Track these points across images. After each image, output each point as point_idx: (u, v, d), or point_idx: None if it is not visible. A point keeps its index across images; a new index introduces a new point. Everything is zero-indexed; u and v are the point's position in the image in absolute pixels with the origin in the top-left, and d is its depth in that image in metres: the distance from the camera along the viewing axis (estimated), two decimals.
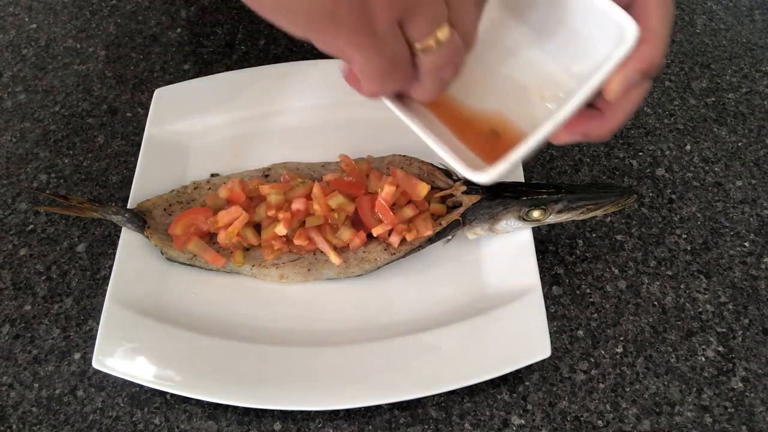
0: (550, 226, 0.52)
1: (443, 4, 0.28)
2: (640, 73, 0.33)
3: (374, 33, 0.27)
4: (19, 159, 0.56)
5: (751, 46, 0.64)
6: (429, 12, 0.28)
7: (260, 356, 0.44)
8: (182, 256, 0.48)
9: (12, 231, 0.53)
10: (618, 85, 0.33)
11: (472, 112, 0.39)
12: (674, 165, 0.56)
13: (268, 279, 0.48)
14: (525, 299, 0.45)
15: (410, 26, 0.28)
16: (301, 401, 0.42)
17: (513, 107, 0.39)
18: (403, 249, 0.48)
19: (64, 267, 0.51)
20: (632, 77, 0.33)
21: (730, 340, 0.47)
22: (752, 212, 0.53)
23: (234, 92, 0.56)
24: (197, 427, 0.44)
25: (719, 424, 0.44)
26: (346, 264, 0.48)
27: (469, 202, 0.48)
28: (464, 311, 0.46)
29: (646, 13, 0.33)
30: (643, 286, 0.50)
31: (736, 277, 0.50)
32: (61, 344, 0.47)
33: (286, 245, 0.48)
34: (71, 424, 0.44)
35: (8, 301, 0.49)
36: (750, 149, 0.57)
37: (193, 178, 0.52)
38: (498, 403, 0.45)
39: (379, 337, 0.45)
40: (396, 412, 0.44)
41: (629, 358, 0.46)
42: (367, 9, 0.26)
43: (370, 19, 0.27)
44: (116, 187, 0.55)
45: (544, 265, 0.50)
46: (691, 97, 0.60)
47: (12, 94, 0.61)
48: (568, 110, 0.33)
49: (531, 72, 0.39)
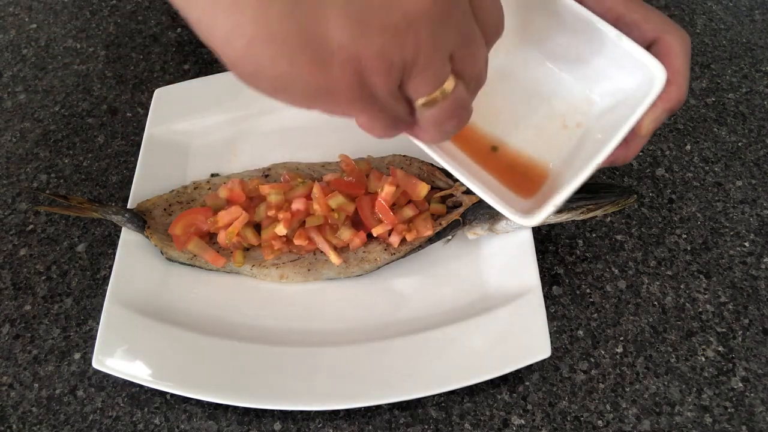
0: (550, 226, 0.52)
1: (446, 62, 0.27)
2: (668, 112, 0.36)
3: (374, 100, 0.27)
4: (19, 159, 0.56)
5: (751, 46, 0.64)
6: (430, 74, 0.27)
7: (260, 356, 0.44)
8: (182, 256, 0.48)
9: (12, 231, 0.53)
10: (649, 125, 0.36)
11: (492, 140, 0.40)
12: (674, 165, 0.56)
13: (268, 279, 0.48)
14: (525, 299, 0.45)
15: (410, 87, 0.28)
16: (301, 401, 0.42)
17: (533, 137, 0.40)
18: (403, 249, 0.48)
19: (64, 267, 0.51)
20: (661, 116, 0.36)
21: (730, 340, 0.47)
22: (752, 212, 0.53)
23: (234, 92, 0.56)
24: (197, 427, 0.44)
25: (719, 424, 0.44)
26: (346, 264, 0.48)
27: (469, 202, 0.48)
28: (464, 311, 0.46)
29: (669, 53, 0.35)
30: (643, 286, 0.50)
31: (736, 277, 0.50)
32: (61, 344, 0.47)
33: (286, 245, 0.48)
34: (71, 424, 0.44)
35: (8, 301, 0.49)
36: (750, 149, 0.57)
37: (193, 178, 0.52)
38: (498, 403, 0.45)
39: (379, 337, 0.45)
40: (396, 412, 0.44)
41: (629, 358, 0.46)
42: (364, 80, 0.26)
43: (369, 88, 0.26)
44: (116, 187, 0.55)
45: (544, 265, 0.50)
46: (691, 97, 0.60)
47: (12, 94, 0.61)
48: (606, 152, 0.35)
49: (551, 101, 0.40)
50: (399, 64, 0.26)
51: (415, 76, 0.27)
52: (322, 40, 0.24)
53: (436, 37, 0.26)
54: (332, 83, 0.26)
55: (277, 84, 0.26)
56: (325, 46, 0.24)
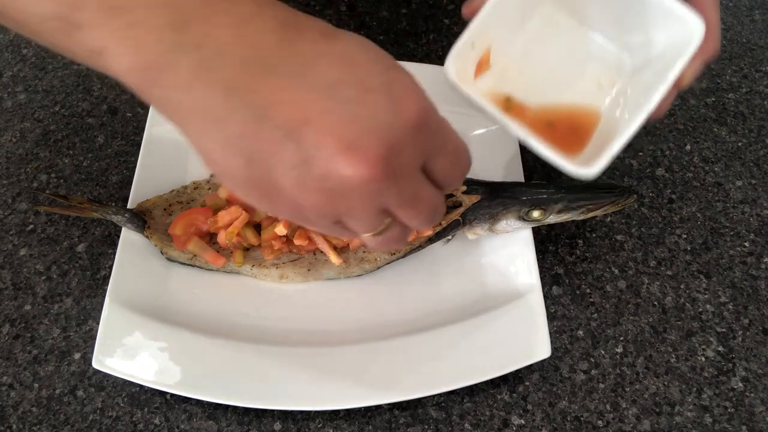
0: (550, 226, 0.52)
1: (378, 217, 0.30)
2: (705, 63, 0.37)
3: (315, 226, 0.31)
4: (19, 159, 0.56)
5: (751, 46, 0.64)
6: (361, 224, 0.30)
7: (260, 356, 0.44)
8: (182, 256, 0.48)
9: (12, 231, 0.53)
10: (689, 77, 0.37)
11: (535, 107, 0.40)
12: (674, 165, 0.56)
13: (268, 279, 0.48)
14: (525, 299, 0.45)
15: (348, 224, 0.30)
16: (301, 401, 0.42)
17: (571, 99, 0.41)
18: (403, 249, 0.48)
19: (64, 267, 0.51)
20: (700, 69, 0.37)
21: (730, 340, 0.47)
22: (752, 212, 0.53)
23: None
24: (197, 427, 0.44)
25: (719, 424, 0.44)
26: (346, 264, 0.48)
27: (469, 202, 0.48)
28: (464, 311, 0.46)
29: (702, 5, 0.36)
30: (643, 286, 0.50)
31: (736, 277, 0.50)
32: (61, 344, 0.47)
33: (286, 245, 0.48)
34: (71, 424, 0.44)
35: (8, 301, 0.49)
36: (750, 149, 0.57)
37: (193, 178, 0.52)
38: (498, 403, 0.45)
39: (379, 337, 0.45)
40: (396, 412, 0.44)
41: (629, 358, 0.46)
42: (305, 216, 0.29)
43: (309, 221, 0.30)
44: (116, 187, 0.55)
45: (544, 265, 0.50)
46: (691, 97, 0.60)
47: (12, 94, 0.61)
48: (651, 106, 0.36)
49: (585, 63, 0.41)
50: (333, 215, 0.29)
51: (348, 222, 0.30)
52: (272, 184, 0.28)
53: (370, 203, 0.28)
54: (282, 212, 0.30)
55: (245, 199, 0.31)
56: (274, 189, 0.28)
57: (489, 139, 0.54)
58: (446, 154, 0.30)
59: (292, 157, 0.27)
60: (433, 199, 0.30)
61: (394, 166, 0.27)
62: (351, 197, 0.28)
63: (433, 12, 0.65)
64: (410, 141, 0.28)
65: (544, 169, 0.56)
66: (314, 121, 0.26)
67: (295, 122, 0.26)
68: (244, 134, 0.27)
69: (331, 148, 0.26)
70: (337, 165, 0.26)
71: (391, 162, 0.27)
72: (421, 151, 0.29)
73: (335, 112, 0.26)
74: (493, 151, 0.53)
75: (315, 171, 0.27)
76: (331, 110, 0.26)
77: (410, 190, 0.29)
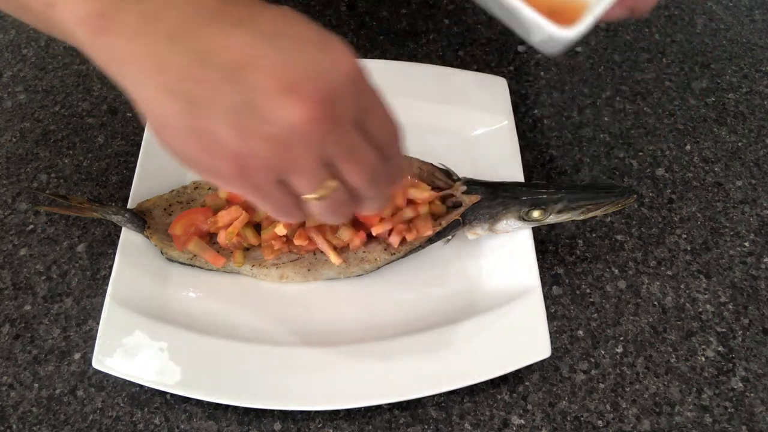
0: (550, 226, 0.52)
1: (321, 169, 0.29)
2: None
3: (258, 188, 0.30)
4: (19, 159, 0.56)
5: (751, 46, 0.64)
6: (305, 178, 0.30)
7: (260, 356, 0.44)
8: (182, 256, 0.48)
9: (12, 231, 0.53)
10: None
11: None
12: (674, 165, 0.56)
13: (268, 279, 0.48)
14: (525, 299, 0.45)
15: (292, 183, 0.30)
16: (301, 401, 0.42)
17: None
18: (403, 249, 0.48)
19: (64, 267, 0.51)
20: None
21: (730, 340, 0.47)
22: (752, 212, 0.53)
23: None
24: (197, 427, 0.44)
25: (719, 424, 0.44)
26: (346, 264, 0.48)
27: (469, 202, 0.48)
28: (464, 311, 0.46)
29: None
30: (643, 286, 0.50)
31: (736, 277, 0.50)
32: (61, 344, 0.47)
33: (286, 245, 0.48)
34: (71, 424, 0.44)
35: (8, 301, 0.49)
36: (750, 149, 0.57)
37: (193, 178, 0.52)
38: (498, 403, 0.45)
39: (379, 337, 0.45)
40: (396, 412, 0.44)
41: (629, 358, 0.46)
42: (247, 173, 0.29)
43: (252, 179, 0.29)
44: (116, 187, 0.55)
45: (544, 265, 0.50)
46: (691, 97, 0.60)
47: (12, 94, 0.61)
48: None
49: None
50: (277, 167, 0.29)
51: (292, 177, 0.30)
52: (212, 133, 0.28)
53: (312, 150, 0.28)
54: (222, 170, 0.29)
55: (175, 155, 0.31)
56: (214, 139, 0.28)
57: (489, 139, 0.54)
58: (379, 116, 0.30)
59: (233, 99, 0.27)
60: (374, 159, 0.30)
61: (333, 113, 0.27)
62: (292, 144, 0.28)
63: (433, 12, 0.65)
64: (347, 92, 0.28)
65: (543, 169, 0.56)
66: (255, 64, 0.27)
67: (237, 65, 0.27)
68: (185, 77, 0.27)
69: (272, 90, 0.26)
70: (277, 106, 0.27)
71: (330, 108, 0.27)
72: (356, 105, 0.29)
73: (276, 57, 0.27)
74: (493, 151, 0.53)
75: (256, 114, 0.27)
76: (271, 55, 0.27)
77: (350, 141, 0.29)
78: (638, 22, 0.65)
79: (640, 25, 0.65)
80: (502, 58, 0.62)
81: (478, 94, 0.56)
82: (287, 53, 0.27)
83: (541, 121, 0.58)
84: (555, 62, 0.62)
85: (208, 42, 0.27)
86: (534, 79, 0.61)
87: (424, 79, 0.56)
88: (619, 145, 0.57)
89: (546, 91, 0.60)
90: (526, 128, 0.58)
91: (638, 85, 0.61)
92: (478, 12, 0.64)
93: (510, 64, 0.62)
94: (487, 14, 0.67)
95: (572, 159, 0.56)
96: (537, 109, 0.59)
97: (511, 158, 0.52)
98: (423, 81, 0.56)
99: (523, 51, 0.63)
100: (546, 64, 0.62)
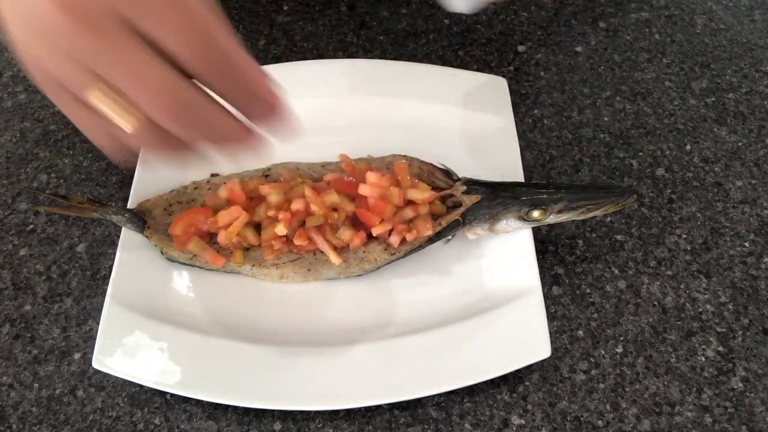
0: (550, 226, 0.52)
1: (81, 73, 0.28)
2: None
3: (52, 95, 0.31)
4: (19, 159, 0.56)
5: (751, 46, 0.64)
6: (70, 79, 0.29)
7: (260, 356, 0.44)
8: (182, 256, 0.48)
9: (12, 231, 0.53)
10: None
11: None
12: (674, 165, 0.56)
13: (268, 279, 0.48)
14: (525, 299, 0.45)
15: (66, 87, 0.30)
16: (301, 401, 0.42)
17: None
18: (403, 249, 0.48)
19: (64, 267, 0.51)
20: None
21: (730, 340, 0.47)
22: (752, 212, 0.53)
23: None
24: (197, 427, 0.44)
25: (719, 424, 0.44)
26: (346, 264, 0.48)
27: (469, 202, 0.48)
28: (464, 311, 0.46)
29: None
30: (643, 286, 0.50)
31: (736, 277, 0.50)
32: (61, 344, 0.47)
33: (286, 245, 0.48)
34: (71, 424, 0.44)
35: (8, 301, 0.49)
36: (750, 149, 0.57)
37: (193, 178, 0.52)
38: (498, 403, 0.45)
39: (379, 337, 0.45)
40: (396, 412, 0.44)
41: (629, 358, 0.46)
42: (41, 73, 0.30)
43: (43, 84, 0.31)
44: (116, 187, 0.55)
45: (544, 265, 0.50)
46: (691, 97, 0.60)
47: (12, 94, 0.61)
48: None
49: None
50: (50, 72, 0.29)
51: (62, 81, 0.29)
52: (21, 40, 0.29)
53: (77, 47, 0.27)
54: (35, 77, 0.31)
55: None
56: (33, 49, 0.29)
57: (489, 139, 0.54)
58: (172, 22, 0.27)
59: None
60: (160, 73, 0.27)
61: (82, 7, 0.26)
62: (59, 43, 0.27)
63: (433, 12, 0.65)
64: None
65: (543, 169, 0.56)
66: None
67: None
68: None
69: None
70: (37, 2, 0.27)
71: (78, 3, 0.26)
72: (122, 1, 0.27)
73: None
74: (493, 152, 0.53)
75: (36, 17, 0.27)
76: None
77: (116, 48, 0.27)
78: (638, 22, 0.65)
79: (640, 25, 0.65)
80: (502, 58, 0.62)
81: (478, 94, 0.56)
82: None
83: (541, 121, 0.58)
84: (555, 62, 0.62)
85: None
86: (534, 79, 0.61)
87: (424, 79, 0.56)
88: (619, 145, 0.57)
89: (546, 91, 0.60)
90: (526, 128, 0.58)
91: (638, 85, 0.61)
92: (478, 12, 0.64)
93: (510, 64, 0.62)
94: (487, 14, 0.67)
95: (572, 159, 0.56)
96: (537, 109, 0.59)
97: (511, 158, 0.52)
98: (423, 81, 0.56)
99: (523, 51, 0.63)
100: (546, 64, 0.62)
